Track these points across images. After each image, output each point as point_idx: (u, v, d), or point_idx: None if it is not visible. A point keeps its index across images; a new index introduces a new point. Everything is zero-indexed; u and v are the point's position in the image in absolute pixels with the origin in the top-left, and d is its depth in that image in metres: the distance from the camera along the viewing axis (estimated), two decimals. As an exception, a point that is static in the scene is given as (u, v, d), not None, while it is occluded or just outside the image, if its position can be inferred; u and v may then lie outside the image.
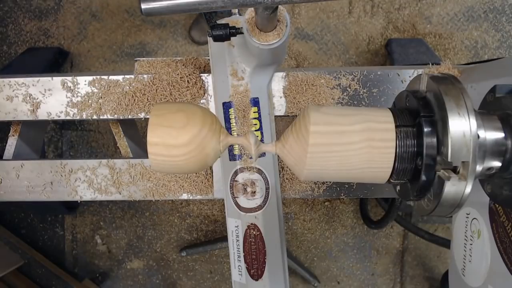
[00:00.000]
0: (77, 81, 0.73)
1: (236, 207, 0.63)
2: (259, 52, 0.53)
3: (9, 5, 1.62)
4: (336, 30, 1.56)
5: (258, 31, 0.51)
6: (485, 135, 0.40)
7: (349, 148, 0.37)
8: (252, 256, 0.63)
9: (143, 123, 1.36)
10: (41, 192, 0.76)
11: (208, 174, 0.73)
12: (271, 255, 0.63)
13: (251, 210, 0.63)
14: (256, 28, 0.51)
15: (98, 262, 1.64)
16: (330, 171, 0.38)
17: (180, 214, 1.60)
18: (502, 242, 0.45)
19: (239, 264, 0.64)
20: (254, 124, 0.63)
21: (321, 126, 0.37)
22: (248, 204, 0.63)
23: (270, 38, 0.51)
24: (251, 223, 0.63)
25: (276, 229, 0.63)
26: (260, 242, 0.62)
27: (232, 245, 0.64)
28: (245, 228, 0.63)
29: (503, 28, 1.51)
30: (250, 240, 0.63)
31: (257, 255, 0.63)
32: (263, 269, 0.63)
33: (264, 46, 0.51)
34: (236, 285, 0.65)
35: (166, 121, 0.38)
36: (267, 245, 0.62)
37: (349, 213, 1.57)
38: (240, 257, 0.64)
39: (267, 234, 0.62)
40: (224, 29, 0.53)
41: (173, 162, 0.39)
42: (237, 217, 0.63)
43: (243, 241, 0.63)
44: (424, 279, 1.57)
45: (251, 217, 0.63)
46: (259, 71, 0.62)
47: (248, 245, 0.63)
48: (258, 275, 0.63)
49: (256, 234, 0.62)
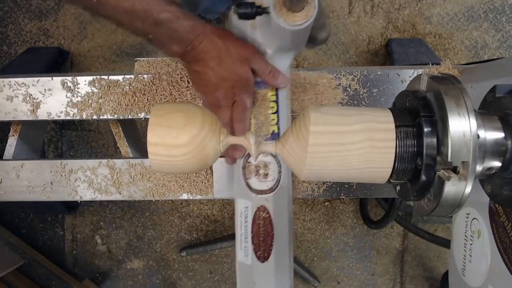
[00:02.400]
0: (77, 81, 0.73)
1: (247, 188, 0.64)
2: (283, 33, 0.53)
3: (9, 5, 1.62)
4: (336, 30, 1.56)
5: (286, 11, 0.51)
6: (485, 135, 0.40)
7: (349, 148, 0.37)
8: (260, 238, 0.63)
9: (143, 123, 1.36)
10: (41, 192, 0.76)
11: (208, 174, 0.73)
12: (278, 238, 0.63)
13: (262, 192, 0.63)
14: (283, 8, 0.51)
15: (98, 262, 1.64)
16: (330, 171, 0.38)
17: (180, 214, 1.60)
18: (502, 242, 0.45)
19: (245, 245, 0.64)
20: (271, 107, 0.63)
21: (321, 126, 0.37)
22: (259, 186, 0.63)
23: (297, 18, 0.51)
24: (261, 205, 0.63)
25: (285, 213, 0.63)
26: (268, 225, 0.63)
27: (240, 225, 0.64)
28: (255, 209, 0.63)
29: (503, 28, 1.51)
30: (258, 222, 0.63)
31: (265, 237, 0.63)
32: (270, 251, 0.63)
33: (290, 27, 0.51)
34: (241, 265, 0.65)
35: (166, 121, 0.39)
36: (275, 228, 0.63)
37: (349, 213, 1.57)
38: (247, 238, 0.64)
39: (276, 217, 0.63)
40: (251, 8, 0.52)
41: (173, 162, 0.39)
42: (247, 198, 0.64)
43: (252, 223, 0.63)
44: (424, 279, 1.57)
45: (262, 199, 0.63)
46: (280, 54, 0.62)
47: (257, 226, 0.63)
48: (265, 257, 0.63)
49: (266, 216, 0.63)
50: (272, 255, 0.63)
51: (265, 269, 0.63)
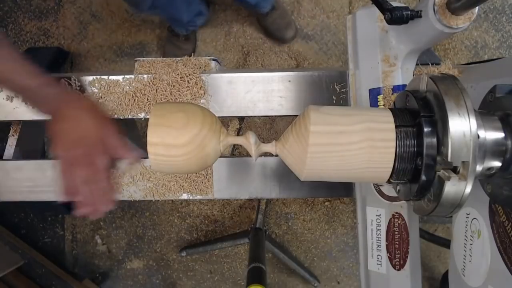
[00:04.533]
0: (77, 81, 0.73)
1: (379, 195, 0.62)
2: (435, 35, 0.53)
3: (9, 5, 1.62)
4: (336, 30, 1.56)
5: (450, 14, 0.51)
6: (485, 135, 0.40)
7: (349, 148, 0.37)
8: (395, 245, 0.62)
9: (143, 123, 1.36)
10: (41, 192, 0.76)
11: (208, 174, 0.73)
12: (413, 244, 0.62)
13: (396, 198, 0.62)
14: (447, 11, 0.51)
15: (98, 262, 1.64)
16: (330, 171, 0.38)
17: (180, 214, 1.60)
18: (502, 242, 0.45)
19: (378, 254, 0.63)
20: None
21: (321, 126, 0.37)
22: (392, 192, 0.62)
23: (461, 21, 0.51)
24: (396, 212, 0.62)
25: (416, 218, 0.63)
26: (404, 232, 0.61)
27: (371, 234, 0.63)
28: (389, 217, 0.62)
29: (503, 28, 1.51)
30: (394, 229, 0.62)
31: (401, 244, 0.62)
32: (406, 258, 0.62)
33: (450, 29, 0.51)
34: (374, 275, 0.64)
35: (166, 121, 0.39)
36: (410, 234, 0.61)
37: (349, 213, 1.57)
38: (380, 247, 0.63)
39: (411, 223, 0.62)
40: (405, 12, 0.52)
41: (173, 162, 0.39)
42: (379, 206, 0.63)
43: (387, 230, 0.62)
44: (424, 279, 1.57)
45: (397, 206, 0.62)
46: (410, 57, 0.62)
47: (392, 234, 0.62)
48: (401, 265, 0.62)
49: (401, 223, 0.61)
50: (408, 262, 0.61)
51: (401, 277, 0.62)
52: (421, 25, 0.53)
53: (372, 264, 0.64)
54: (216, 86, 0.72)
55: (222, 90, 0.71)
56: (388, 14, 0.53)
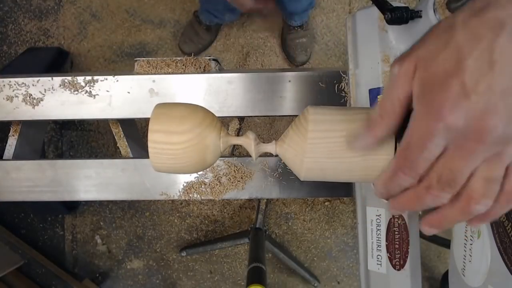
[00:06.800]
0: (77, 81, 0.73)
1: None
2: None
3: (9, 5, 1.62)
4: (336, 30, 1.56)
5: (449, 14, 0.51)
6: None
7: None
8: (395, 245, 0.62)
9: (143, 123, 1.36)
10: (41, 192, 0.76)
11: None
12: (413, 244, 0.62)
13: None
14: (447, 11, 0.51)
15: (98, 262, 1.64)
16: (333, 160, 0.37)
17: (180, 214, 1.60)
18: (502, 242, 0.45)
19: (378, 254, 0.63)
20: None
21: (321, 115, 0.37)
22: None
23: None
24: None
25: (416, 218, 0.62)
26: (404, 232, 0.61)
27: (371, 234, 0.63)
28: (390, 217, 0.62)
29: (503, 28, 1.51)
30: (393, 229, 0.62)
31: (400, 244, 0.62)
32: (406, 258, 0.62)
33: None
34: (373, 275, 0.64)
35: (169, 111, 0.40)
36: (410, 234, 0.61)
37: (349, 213, 1.57)
38: (380, 247, 0.63)
39: (411, 223, 0.61)
40: (405, 12, 0.53)
41: (172, 151, 0.39)
42: (380, 205, 0.63)
43: (387, 230, 0.62)
44: (424, 279, 1.57)
45: None
46: None
47: (392, 234, 0.62)
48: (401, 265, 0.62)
49: (401, 223, 0.61)
50: (408, 262, 0.61)
51: (401, 277, 0.62)
52: (421, 25, 0.53)
53: (372, 264, 0.64)
54: (216, 86, 0.72)
55: (222, 90, 0.72)
56: (388, 14, 0.53)
